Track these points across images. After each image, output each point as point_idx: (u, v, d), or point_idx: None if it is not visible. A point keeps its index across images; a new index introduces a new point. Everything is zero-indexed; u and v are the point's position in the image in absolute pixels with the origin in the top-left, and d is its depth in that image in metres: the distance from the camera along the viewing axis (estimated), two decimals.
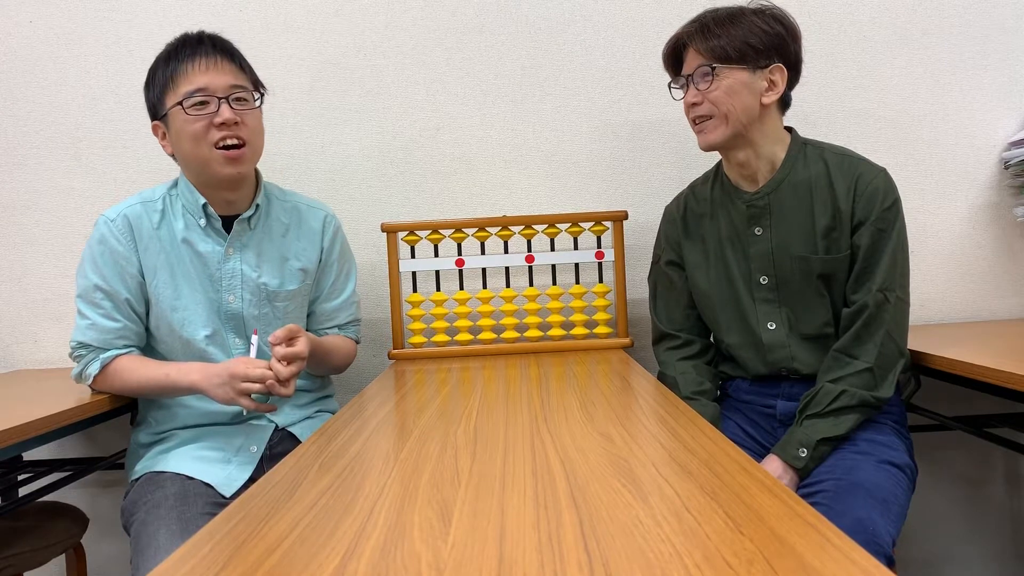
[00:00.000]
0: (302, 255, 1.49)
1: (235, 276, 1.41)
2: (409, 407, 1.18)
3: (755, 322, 1.41)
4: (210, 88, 1.30)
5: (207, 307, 1.40)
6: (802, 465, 1.25)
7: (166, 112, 1.33)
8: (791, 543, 0.55)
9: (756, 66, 1.32)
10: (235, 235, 1.42)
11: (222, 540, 0.63)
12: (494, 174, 1.91)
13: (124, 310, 1.37)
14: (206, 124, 1.31)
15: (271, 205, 1.48)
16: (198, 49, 1.33)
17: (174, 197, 1.42)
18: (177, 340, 1.40)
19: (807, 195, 1.35)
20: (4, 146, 1.89)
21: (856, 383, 1.28)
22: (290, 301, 1.47)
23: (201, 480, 1.30)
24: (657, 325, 1.56)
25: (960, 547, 1.90)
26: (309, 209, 1.53)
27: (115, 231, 1.36)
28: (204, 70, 1.31)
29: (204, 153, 1.32)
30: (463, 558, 0.56)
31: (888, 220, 1.31)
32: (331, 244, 1.54)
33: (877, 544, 1.07)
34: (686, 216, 1.51)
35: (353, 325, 1.61)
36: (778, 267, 1.38)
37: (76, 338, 1.36)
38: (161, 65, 1.35)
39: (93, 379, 1.37)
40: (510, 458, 0.83)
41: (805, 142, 1.40)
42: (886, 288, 1.30)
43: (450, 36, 1.89)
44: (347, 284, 1.58)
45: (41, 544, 1.46)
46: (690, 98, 1.36)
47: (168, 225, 1.40)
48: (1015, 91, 1.86)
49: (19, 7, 1.88)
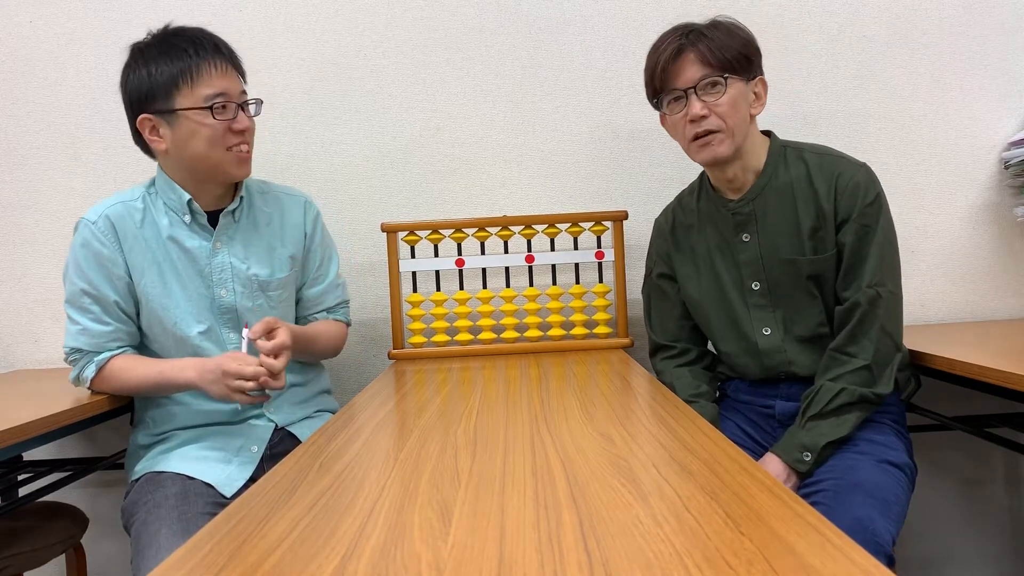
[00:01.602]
0: (288, 242, 1.50)
1: (225, 270, 1.42)
2: (409, 407, 1.18)
3: (750, 328, 1.41)
4: (228, 93, 1.33)
5: (199, 303, 1.40)
6: (806, 469, 1.25)
7: (174, 110, 1.31)
8: (791, 543, 0.55)
9: (748, 77, 1.32)
10: (221, 229, 1.42)
11: (222, 540, 0.63)
12: (494, 174, 1.91)
13: (114, 312, 1.37)
14: (224, 128, 1.33)
15: (252, 197, 1.49)
16: (214, 50, 1.33)
17: (153, 196, 1.41)
18: (170, 338, 1.40)
19: (790, 198, 1.35)
20: (4, 146, 1.90)
21: (855, 380, 1.28)
22: (283, 289, 1.48)
23: (201, 480, 1.30)
24: (652, 337, 1.56)
25: (960, 547, 1.90)
26: (288, 197, 1.54)
27: (98, 233, 1.36)
28: (222, 74, 1.33)
29: (217, 155, 1.34)
30: (463, 558, 0.56)
31: (871, 215, 1.30)
32: (312, 229, 1.55)
33: (877, 544, 1.07)
34: (675, 228, 1.51)
35: (342, 307, 1.62)
36: (768, 272, 1.38)
37: (68, 344, 1.37)
38: (159, 58, 1.31)
39: (91, 382, 1.37)
40: (510, 458, 0.83)
41: (784, 144, 1.39)
42: (877, 284, 1.29)
43: (450, 36, 1.89)
44: (330, 267, 1.59)
45: (41, 544, 1.46)
46: (697, 110, 1.29)
47: (152, 224, 1.39)
48: (1015, 91, 1.86)
49: (19, 7, 1.88)
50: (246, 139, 1.37)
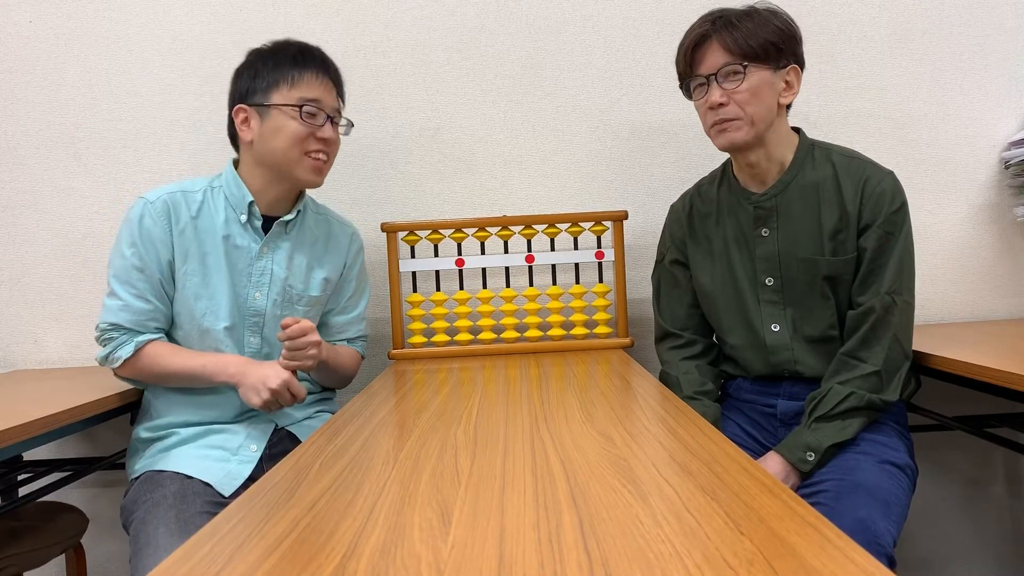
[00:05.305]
0: (327, 266, 1.54)
1: (265, 274, 1.44)
2: (409, 407, 1.18)
3: (759, 324, 1.41)
4: (322, 102, 1.40)
5: (231, 300, 1.42)
6: (808, 469, 1.25)
7: (268, 104, 1.37)
8: (791, 543, 0.55)
9: (777, 66, 1.31)
10: (272, 236, 1.45)
11: (222, 540, 0.62)
12: (494, 174, 1.91)
13: (157, 291, 1.38)
14: (308, 132, 1.38)
15: (306, 215, 1.53)
16: (320, 65, 1.42)
17: (216, 190, 1.44)
18: (196, 328, 1.41)
19: (814, 197, 1.35)
20: (4, 146, 1.89)
21: (863, 386, 1.28)
22: (311, 307, 1.52)
23: (200, 479, 1.30)
24: (660, 323, 1.56)
25: (960, 547, 1.90)
26: (339, 225, 1.60)
27: (153, 213, 1.38)
28: (320, 84, 1.40)
29: (295, 155, 1.38)
30: (463, 558, 0.56)
31: (895, 223, 1.31)
32: (353, 260, 1.61)
33: (878, 544, 1.07)
34: (691, 216, 1.51)
35: (361, 340, 1.65)
36: (784, 269, 1.38)
37: (107, 319, 1.36)
38: (270, 60, 1.39)
39: (123, 363, 1.36)
40: (510, 458, 0.83)
41: (813, 143, 1.40)
42: (893, 291, 1.30)
43: (450, 36, 1.89)
44: (360, 300, 1.64)
45: (41, 544, 1.46)
46: (716, 98, 1.30)
47: (208, 216, 1.42)
48: (1015, 91, 1.86)
49: (19, 7, 1.88)
50: (326, 149, 1.42)
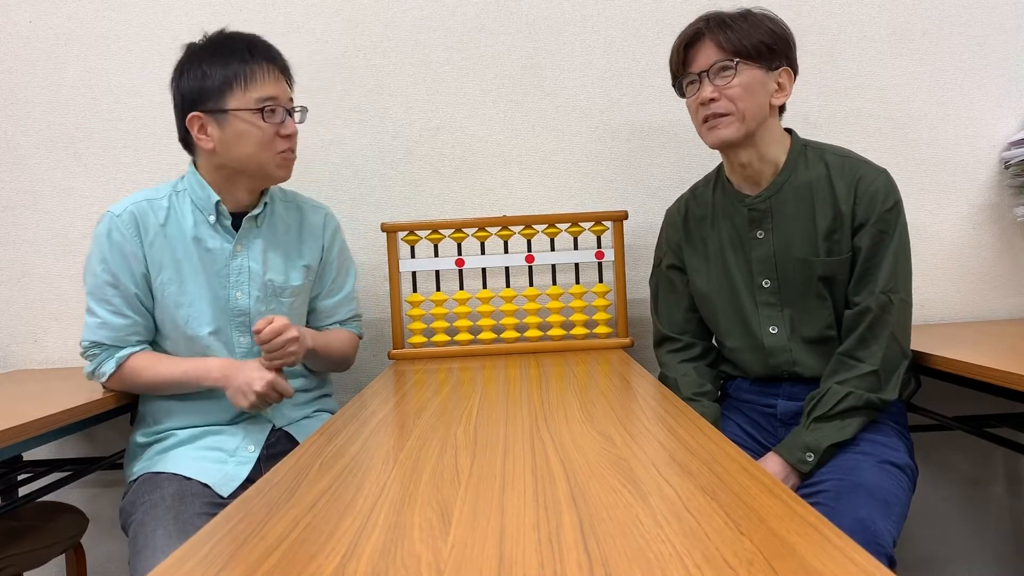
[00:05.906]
0: (305, 252, 1.52)
1: (243, 272, 1.43)
2: (409, 407, 1.18)
3: (757, 326, 1.41)
4: (280, 99, 1.38)
5: (212, 304, 1.41)
6: (808, 469, 1.25)
7: (225, 110, 1.34)
8: (791, 543, 0.55)
9: (769, 66, 1.32)
10: (243, 232, 1.44)
11: (222, 540, 0.62)
12: (494, 174, 1.91)
13: (133, 304, 1.38)
14: (273, 132, 1.36)
15: (275, 204, 1.51)
16: (268, 57, 1.38)
17: (181, 194, 1.43)
18: (181, 336, 1.41)
19: (808, 197, 1.35)
20: (4, 146, 1.89)
21: (862, 385, 1.28)
22: (296, 297, 1.50)
23: (198, 480, 1.30)
24: (658, 328, 1.56)
25: (960, 547, 1.90)
26: (311, 208, 1.57)
27: (121, 226, 1.38)
28: (274, 80, 1.38)
29: (265, 157, 1.37)
30: (463, 558, 0.56)
31: (889, 222, 1.31)
32: (331, 242, 1.58)
33: (878, 544, 1.07)
34: (687, 219, 1.51)
35: (354, 320, 1.64)
36: (780, 270, 1.38)
37: (88, 337, 1.37)
38: (216, 60, 1.35)
39: (108, 378, 1.37)
40: (510, 458, 0.83)
41: (805, 144, 1.40)
42: (889, 290, 1.30)
43: (450, 36, 1.89)
44: (346, 281, 1.61)
45: (41, 544, 1.46)
46: (707, 94, 1.32)
47: (176, 222, 1.41)
48: (1015, 91, 1.86)
49: (19, 7, 1.88)
50: (292, 144, 1.41)
